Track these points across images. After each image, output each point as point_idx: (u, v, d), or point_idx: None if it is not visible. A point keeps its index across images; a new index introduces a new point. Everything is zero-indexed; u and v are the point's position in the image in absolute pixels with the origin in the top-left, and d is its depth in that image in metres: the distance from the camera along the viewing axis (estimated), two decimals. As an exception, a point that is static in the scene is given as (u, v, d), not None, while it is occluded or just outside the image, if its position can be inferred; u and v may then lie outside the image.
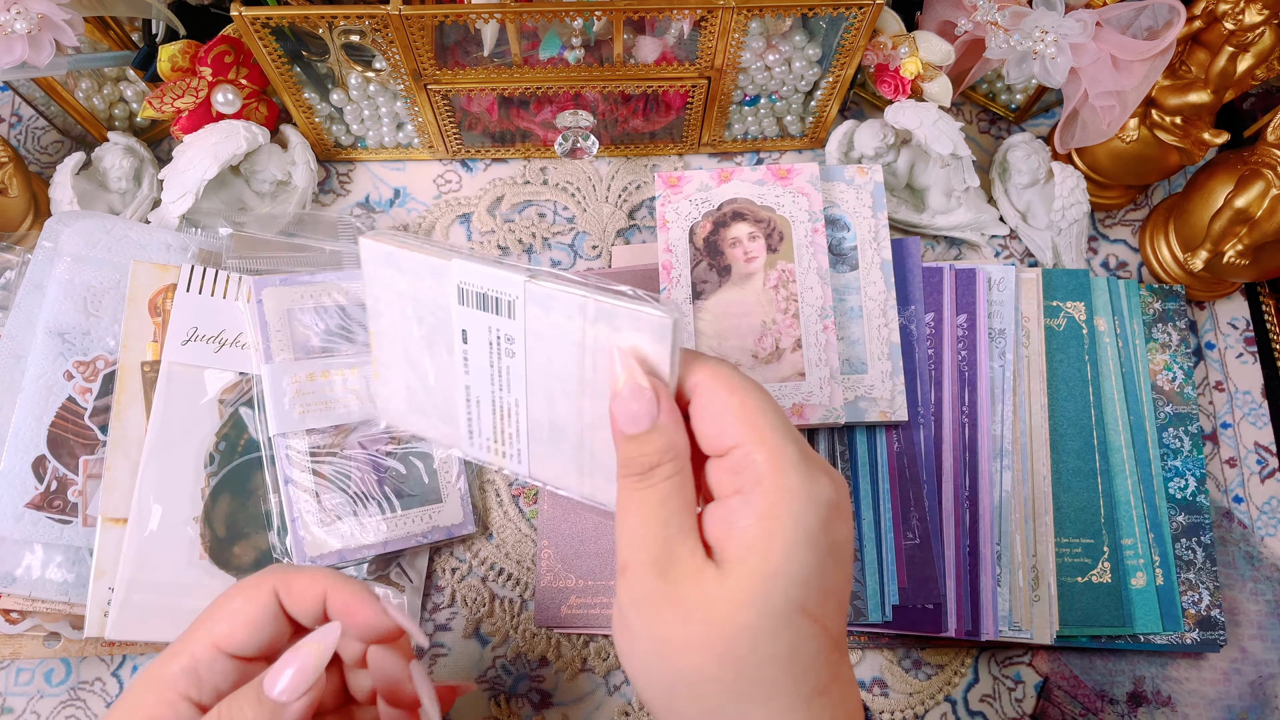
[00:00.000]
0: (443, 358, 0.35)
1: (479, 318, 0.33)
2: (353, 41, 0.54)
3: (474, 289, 0.33)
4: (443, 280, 0.33)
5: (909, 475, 0.53)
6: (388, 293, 0.34)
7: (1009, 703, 0.53)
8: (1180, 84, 0.54)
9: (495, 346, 0.34)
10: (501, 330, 0.33)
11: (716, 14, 0.51)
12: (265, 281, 0.53)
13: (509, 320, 0.33)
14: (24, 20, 0.47)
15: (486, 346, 0.34)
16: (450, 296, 0.33)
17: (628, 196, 0.63)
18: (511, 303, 0.32)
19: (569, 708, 0.52)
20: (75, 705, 0.52)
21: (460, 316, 0.33)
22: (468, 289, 0.33)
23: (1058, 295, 0.57)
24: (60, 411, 0.50)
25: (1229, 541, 0.56)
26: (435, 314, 0.34)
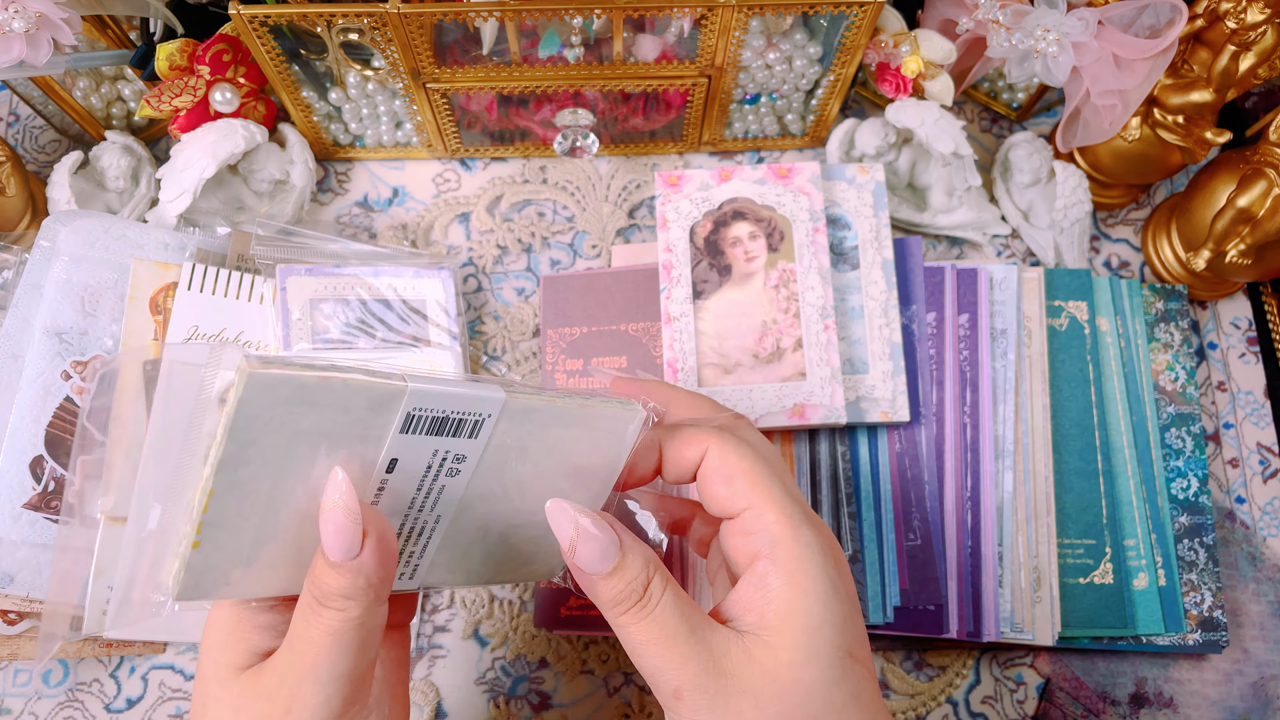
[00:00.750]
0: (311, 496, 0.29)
1: (425, 444, 0.29)
2: (351, 40, 0.54)
3: (431, 414, 0.28)
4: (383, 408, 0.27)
5: (910, 476, 0.53)
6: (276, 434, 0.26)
7: (1010, 704, 0.53)
8: (1182, 83, 0.54)
9: (435, 469, 0.30)
10: (452, 451, 0.29)
11: (717, 12, 0.51)
12: (290, 270, 0.53)
13: (469, 440, 0.29)
14: (22, 19, 0.47)
15: (422, 471, 0.29)
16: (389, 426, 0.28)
17: (628, 195, 0.63)
18: (480, 422, 0.29)
19: (569, 709, 0.52)
20: (73, 706, 0.52)
21: (396, 445, 0.28)
22: (421, 415, 0.28)
23: (1060, 295, 0.57)
24: (58, 411, 0.50)
25: (1231, 542, 0.56)
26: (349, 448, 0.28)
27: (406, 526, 0.31)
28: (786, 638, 0.29)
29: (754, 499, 0.31)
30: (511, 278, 0.61)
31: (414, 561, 0.32)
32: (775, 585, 0.30)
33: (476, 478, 0.31)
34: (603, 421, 0.31)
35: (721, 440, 0.33)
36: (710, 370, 0.53)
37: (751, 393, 0.52)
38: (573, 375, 0.56)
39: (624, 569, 0.30)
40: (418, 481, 0.30)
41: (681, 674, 0.29)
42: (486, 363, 0.59)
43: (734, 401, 0.52)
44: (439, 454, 0.29)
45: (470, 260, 0.61)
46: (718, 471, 0.32)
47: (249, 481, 0.27)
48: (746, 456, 0.32)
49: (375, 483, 0.29)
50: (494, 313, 0.60)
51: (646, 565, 0.30)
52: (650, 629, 0.29)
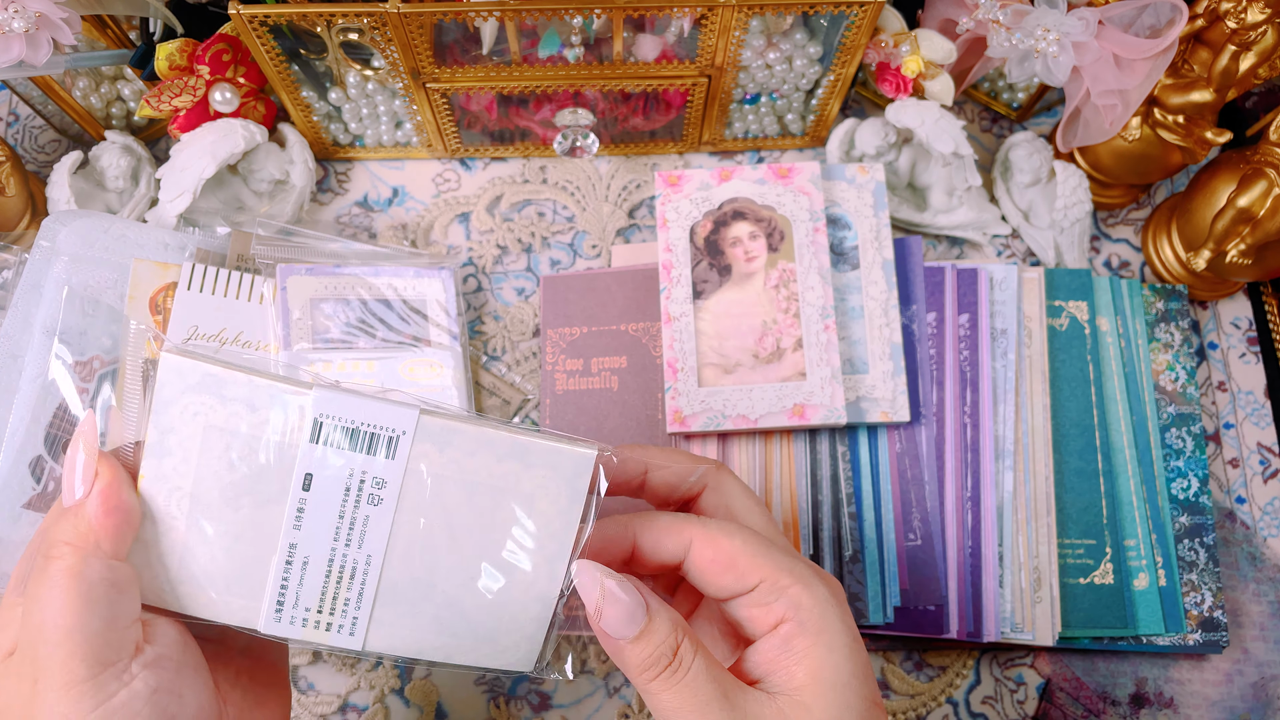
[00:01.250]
0: (253, 511, 0.29)
1: (339, 458, 0.28)
2: (351, 39, 0.54)
3: (340, 423, 0.28)
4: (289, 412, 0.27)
5: (910, 476, 0.53)
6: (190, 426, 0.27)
7: (1011, 704, 0.53)
8: (1183, 83, 0.54)
9: (355, 492, 0.29)
10: (370, 473, 0.28)
11: (717, 12, 0.51)
12: (291, 269, 0.53)
13: (385, 461, 0.28)
14: (21, 19, 0.47)
15: (341, 492, 0.28)
16: (299, 433, 0.28)
17: (627, 195, 0.63)
18: (395, 439, 0.28)
19: (568, 710, 0.52)
20: (73, 707, 0.51)
21: (308, 457, 0.28)
22: (331, 423, 0.28)
23: (1060, 295, 0.57)
24: (57, 412, 0.50)
25: (1232, 542, 0.56)
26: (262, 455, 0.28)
27: (335, 563, 0.29)
28: (818, 696, 0.29)
29: (763, 573, 0.31)
30: (511, 278, 0.61)
31: (351, 612, 0.30)
32: (802, 646, 0.30)
33: (403, 512, 0.29)
34: (540, 457, 0.29)
35: (705, 529, 0.32)
36: (710, 370, 0.53)
37: (751, 393, 0.52)
38: (572, 375, 0.56)
39: (652, 633, 0.29)
40: (338, 506, 0.29)
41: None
42: (486, 363, 0.59)
43: (734, 401, 0.52)
44: (355, 474, 0.28)
45: (470, 260, 0.61)
46: (714, 563, 0.31)
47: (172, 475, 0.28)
48: (735, 536, 0.32)
49: (293, 502, 0.28)
50: (494, 313, 0.60)
51: (675, 628, 0.30)
52: (682, 695, 0.29)
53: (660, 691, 0.29)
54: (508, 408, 0.58)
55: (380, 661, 0.52)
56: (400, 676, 0.53)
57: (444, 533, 0.30)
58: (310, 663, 0.52)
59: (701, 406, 0.52)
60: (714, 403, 0.52)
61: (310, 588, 0.30)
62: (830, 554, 0.51)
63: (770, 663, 0.31)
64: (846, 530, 0.52)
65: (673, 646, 0.29)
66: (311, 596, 0.30)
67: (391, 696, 0.52)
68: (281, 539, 0.29)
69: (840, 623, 0.31)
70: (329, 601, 0.30)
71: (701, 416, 0.52)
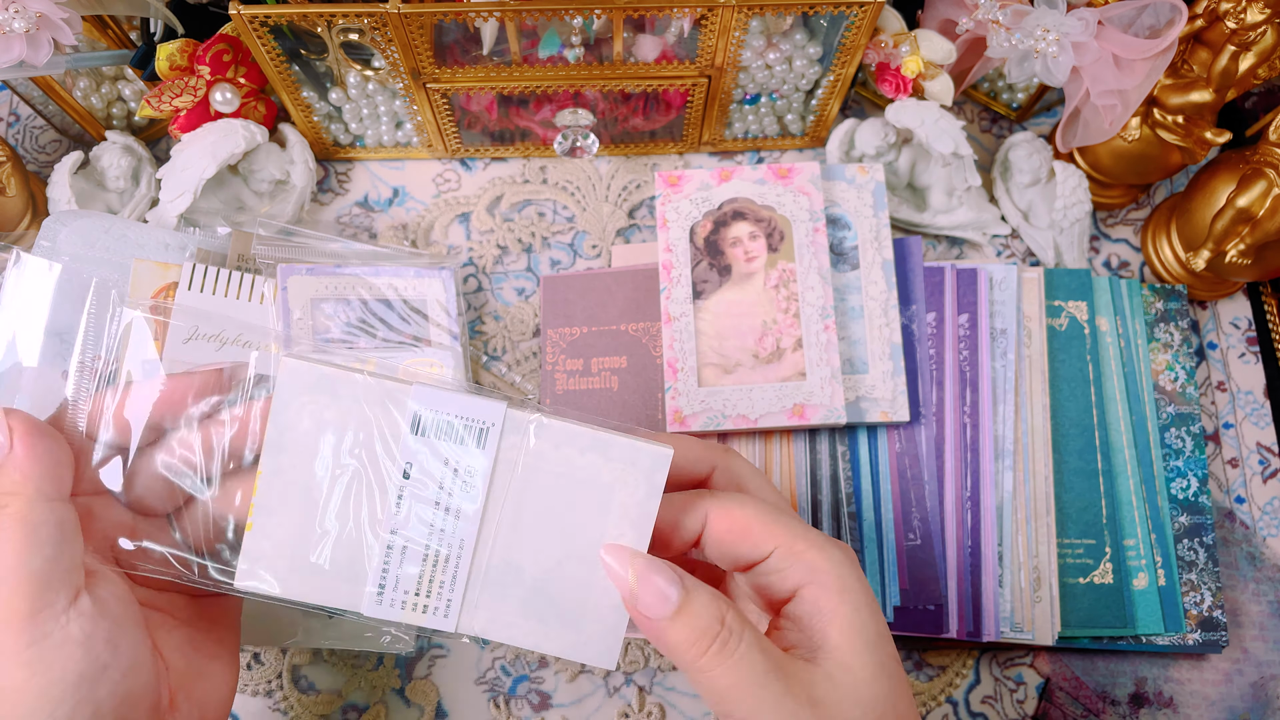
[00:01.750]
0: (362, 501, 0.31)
1: (435, 448, 0.30)
2: (351, 40, 0.54)
3: (437, 416, 0.30)
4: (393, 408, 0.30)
5: (910, 475, 0.53)
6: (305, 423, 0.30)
7: (1010, 704, 0.53)
8: (1182, 83, 0.54)
9: (450, 481, 0.31)
10: (463, 463, 0.31)
11: (717, 12, 0.51)
12: (291, 269, 0.53)
13: (477, 451, 0.30)
14: (22, 19, 0.47)
15: (437, 481, 0.31)
16: (400, 426, 0.30)
17: (628, 195, 0.63)
18: (485, 431, 0.30)
19: (568, 709, 0.52)
20: (73, 706, 0.51)
21: (408, 448, 0.30)
22: (427, 416, 0.30)
23: (1060, 295, 0.57)
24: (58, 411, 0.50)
25: (1231, 542, 0.56)
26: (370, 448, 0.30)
27: (432, 548, 0.32)
28: (855, 655, 0.30)
29: (777, 539, 0.32)
30: (512, 278, 0.61)
31: (445, 594, 0.32)
32: (828, 606, 0.30)
33: (493, 500, 0.31)
34: (620, 451, 0.31)
35: (719, 501, 0.32)
36: (710, 370, 0.53)
37: (751, 393, 0.52)
38: (573, 375, 0.56)
39: (690, 608, 0.29)
40: (434, 494, 0.31)
41: (779, 714, 0.28)
42: (487, 363, 0.59)
43: (734, 401, 0.52)
44: (449, 464, 0.31)
45: (470, 260, 0.61)
46: (730, 532, 0.32)
47: (289, 469, 0.30)
48: (748, 504, 0.32)
49: (394, 491, 0.31)
50: (494, 313, 0.60)
51: (716, 600, 0.30)
52: (737, 671, 0.29)
53: (712, 669, 0.29)
54: (508, 408, 0.58)
55: (381, 661, 0.53)
56: (400, 676, 0.53)
57: (531, 520, 0.32)
58: (310, 662, 0.53)
59: (701, 406, 0.52)
60: (714, 403, 0.52)
61: (409, 572, 0.32)
62: (830, 554, 0.51)
63: (801, 627, 0.31)
64: (846, 530, 0.52)
65: (718, 617, 0.29)
66: (410, 581, 0.32)
67: (392, 696, 0.52)
68: (384, 527, 0.31)
69: (858, 582, 0.31)
70: (425, 585, 0.32)
71: (701, 416, 0.52)
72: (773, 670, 0.29)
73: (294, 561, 0.31)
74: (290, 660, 0.52)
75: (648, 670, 0.53)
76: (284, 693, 0.52)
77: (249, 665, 0.52)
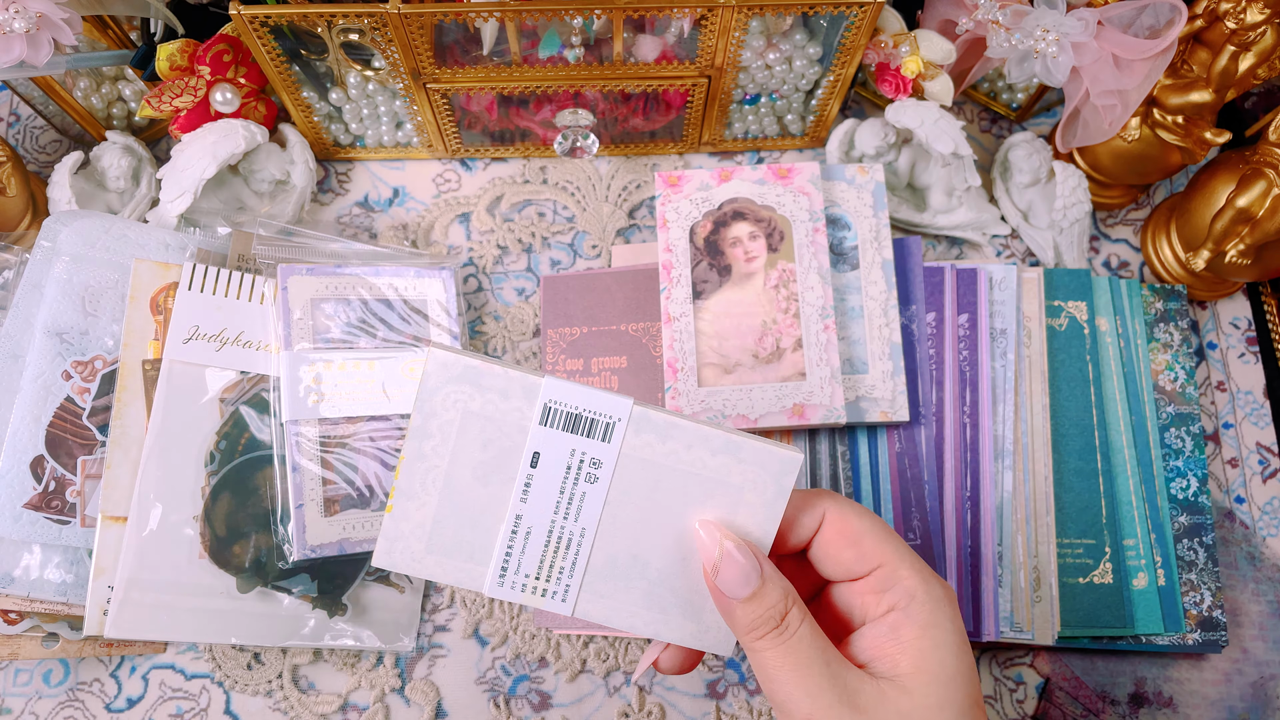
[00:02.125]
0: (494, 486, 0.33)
1: (562, 440, 0.32)
2: (352, 40, 0.54)
3: (565, 408, 0.32)
4: (529, 399, 0.32)
5: (910, 475, 0.53)
6: (450, 411, 0.32)
7: (1010, 704, 0.53)
8: (1182, 83, 0.54)
9: (575, 471, 0.32)
10: (588, 454, 0.32)
11: (717, 12, 0.51)
12: (291, 269, 0.53)
13: (601, 444, 0.32)
14: (22, 19, 0.47)
15: (563, 471, 0.32)
16: (531, 417, 0.32)
17: (628, 196, 0.63)
18: (611, 425, 0.32)
19: (568, 709, 0.52)
20: (74, 706, 0.52)
21: (538, 438, 0.32)
22: (557, 408, 0.32)
23: (1059, 295, 0.57)
24: (58, 412, 0.50)
25: (1231, 542, 0.56)
26: (507, 436, 0.32)
27: (554, 534, 0.33)
28: (921, 685, 0.30)
29: (884, 558, 0.32)
30: (512, 278, 0.61)
31: (564, 579, 0.33)
32: (909, 636, 0.31)
33: (618, 490, 0.32)
34: (751, 454, 0.32)
35: (838, 503, 0.33)
36: (710, 370, 0.53)
37: (751, 393, 0.52)
38: (572, 375, 0.56)
39: (763, 596, 0.31)
40: (559, 483, 0.32)
41: (815, 703, 0.30)
42: (487, 363, 0.59)
43: (734, 401, 0.52)
44: (576, 454, 0.32)
45: (471, 260, 0.61)
46: (842, 535, 0.33)
47: (431, 455, 0.32)
48: (865, 517, 0.33)
49: (522, 478, 0.32)
50: (494, 313, 0.60)
51: (786, 595, 0.31)
52: (786, 655, 0.30)
53: (765, 649, 0.31)
54: (508, 407, 0.58)
55: (381, 660, 0.53)
56: (400, 676, 0.53)
57: (658, 515, 0.33)
58: (311, 662, 0.53)
59: (701, 406, 0.52)
60: (714, 403, 0.52)
61: (531, 555, 0.33)
62: (830, 553, 0.51)
63: (876, 649, 0.32)
64: (846, 530, 0.52)
65: (782, 611, 0.31)
66: (531, 563, 0.33)
67: (392, 696, 0.52)
68: (510, 510, 0.33)
69: (950, 621, 0.32)
70: (546, 569, 0.33)
71: (701, 416, 0.52)
72: (820, 663, 0.30)
73: (429, 542, 0.33)
74: (291, 660, 0.52)
75: (648, 670, 0.53)
76: (284, 693, 0.52)
77: (249, 665, 0.52)
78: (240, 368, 0.52)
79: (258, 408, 0.52)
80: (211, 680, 0.52)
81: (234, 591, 0.50)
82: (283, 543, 0.50)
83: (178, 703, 0.52)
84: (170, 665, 0.53)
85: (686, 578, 0.34)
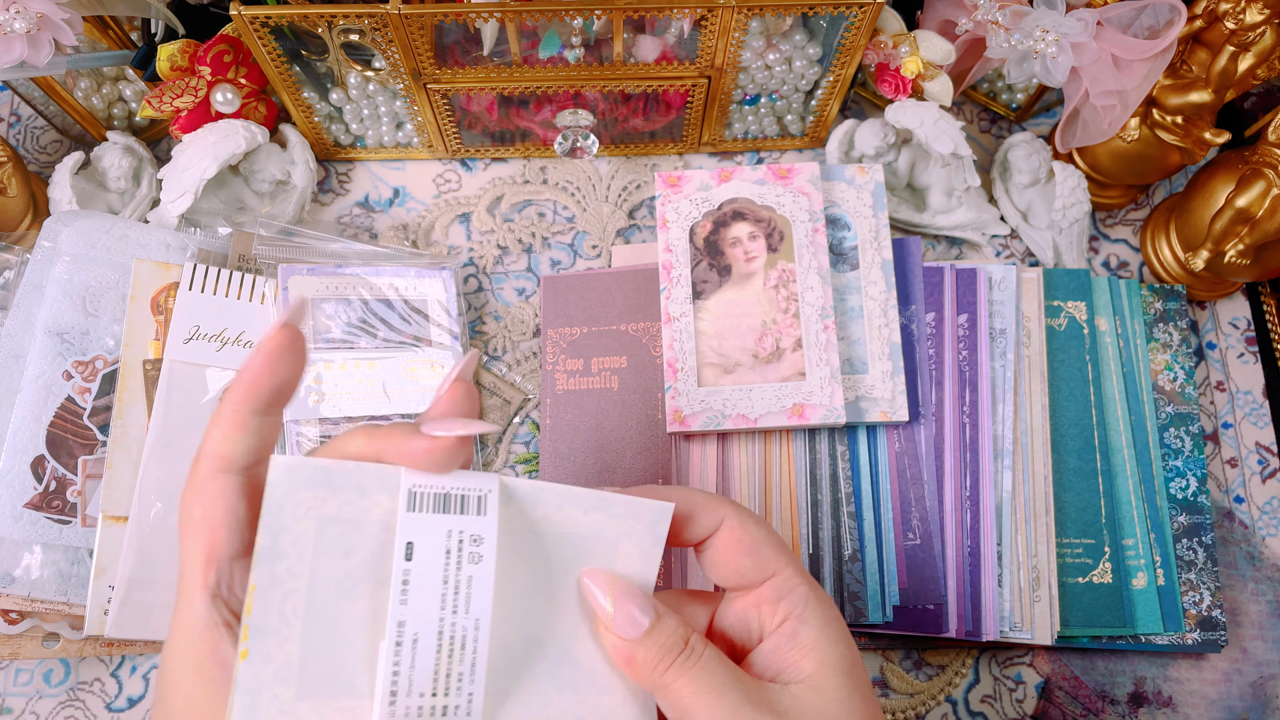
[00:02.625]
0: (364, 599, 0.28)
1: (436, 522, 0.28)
2: (352, 40, 0.54)
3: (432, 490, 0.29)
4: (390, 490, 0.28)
5: (909, 475, 0.53)
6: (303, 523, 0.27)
7: (1010, 703, 0.53)
8: (1181, 83, 0.54)
9: (456, 554, 0.29)
10: (467, 531, 0.29)
11: (717, 13, 0.51)
12: (292, 269, 0.53)
13: (478, 518, 0.29)
14: (23, 19, 0.47)
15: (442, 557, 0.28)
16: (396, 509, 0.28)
17: (628, 196, 0.63)
18: (484, 498, 0.29)
19: (569, 708, 0.52)
20: (74, 706, 0.52)
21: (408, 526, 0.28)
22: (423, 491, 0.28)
23: (1059, 295, 0.57)
24: (59, 411, 0.50)
25: (1230, 542, 0.56)
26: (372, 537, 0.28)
27: (445, 635, 0.29)
28: (828, 680, 0.31)
29: (779, 567, 0.33)
30: (512, 278, 0.61)
31: (465, 688, 0.29)
32: (807, 639, 0.32)
33: (504, 567, 0.29)
34: (622, 508, 0.32)
35: (739, 512, 0.33)
36: (710, 370, 0.53)
37: (751, 393, 0.52)
38: (573, 375, 0.56)
39: (661, 626, 0.31)
40: (441, 572, 0.28)
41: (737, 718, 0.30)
42: (487, 363, 0.59)
43: (734, 401, 0.52)
44: (453, 534, 0.28)
45: (471, 260, 0.61)
46: (740, 544, 0.33)
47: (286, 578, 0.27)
48: (762, 526, 0.33)
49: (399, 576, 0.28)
50: (494, 313, 0.60)
51: (680, 625, 0.31)
52: (698, 679, 0.30)
53: (676, 680, 0.30)
54: (508, 407, 0.58)
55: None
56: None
57: (544, 584, 0.31)
58: (311, 662, 0.53)
59: (701, 406, 0.52)
60: (714, 402, 0.52)
61: (422, 669, 0.28)
62: (830, 553, 0.51)
63: (777, 658, 0.32)
64: (846, 530, 0.52)
65: (683, 637, 0.31)
66: (424, 679, 0.28)
67: (392, 695, 0.52)
68: (390, 620, 0.28)
69: (836, 618, 0.33)
70: (442, 680, 0.29)
71: (701, 416, 0.52)
72: (733, 681, 0.30)
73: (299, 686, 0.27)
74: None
75: None
76: (285, 692, 0.52)
77: (250, 664, 0.52)
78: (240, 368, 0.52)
79: (258, 408, 0.52)
80: (212, 680, 0.52)
81: (234, 591, 0.50)
82: None
83: (178, 702, 0.52)
84: (171, 665, 0.53)
85: (586, 645, 0.31)
